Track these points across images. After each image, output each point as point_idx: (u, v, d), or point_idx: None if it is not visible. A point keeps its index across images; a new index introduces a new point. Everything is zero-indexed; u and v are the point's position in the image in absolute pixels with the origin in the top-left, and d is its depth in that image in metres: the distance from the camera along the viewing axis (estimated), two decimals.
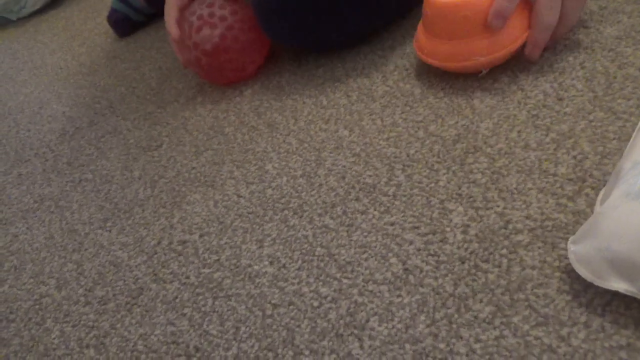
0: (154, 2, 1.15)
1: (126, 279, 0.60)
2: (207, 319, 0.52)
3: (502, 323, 0.41)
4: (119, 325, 0.55)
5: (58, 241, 0.69)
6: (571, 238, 0.41)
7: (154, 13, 1.19)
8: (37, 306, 0.62)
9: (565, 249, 0.43)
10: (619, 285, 0.37)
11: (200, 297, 0.54)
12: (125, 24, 1.16)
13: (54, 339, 0.57)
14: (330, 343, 0.45)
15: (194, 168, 0.71)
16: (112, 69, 1.08)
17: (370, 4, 0.73)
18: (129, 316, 0.55)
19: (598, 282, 0.38)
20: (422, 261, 0.48)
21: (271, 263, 0.54)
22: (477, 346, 0.40)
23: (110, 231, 0.67)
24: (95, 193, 0.75)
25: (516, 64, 0.63)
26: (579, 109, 0.55)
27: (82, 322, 0.57)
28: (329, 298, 0.48)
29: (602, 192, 0.43)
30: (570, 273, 0.41)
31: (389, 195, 0.55)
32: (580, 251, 0.39)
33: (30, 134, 0.97)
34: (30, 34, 1.48)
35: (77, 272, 0.64)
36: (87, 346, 0.54)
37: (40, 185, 0.82)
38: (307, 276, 0.51)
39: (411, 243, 0.50)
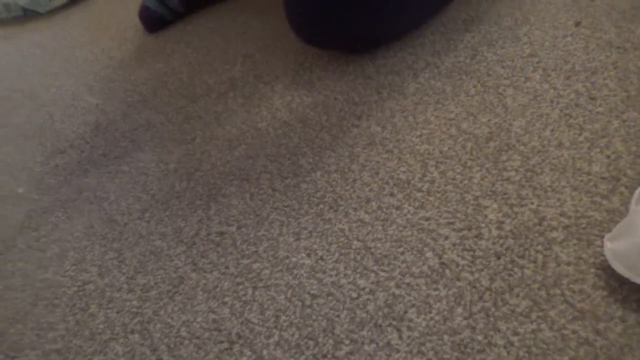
0: (190, 3, 1.18)
1: (166, 268, 0.62)
2: (247, 307, 0.54)
3: (538, 317, 0.42)
4: (162, 312, 0.57)
5: (98, 230, 0.72)
6: (607, 235, 0.42)
7: (184, 12, 1.21)
8: (80, 292, 0.64)
9: (600, 246, 0.44)
10: None
11: (240, 287, 0.56)
12: (157, 22, 1.19)
13: (98, 324, 0.60)
14: (370, 333, 0.47)
15: (228, 162, 0.73)
16: (142, 62, 1.10)
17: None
18: (171, 303, 0.58)
19: (635, 279, 0.39)
20: (458, 256, 0.49)
21: (308, 255, 0.56)
22: (514, 339, 0.42)
23: (148, 221, 0.70)
24: (132, 184, 0.77)
25: (547, 63, 0.64)
26: (612, 109, 0.56)
27: (126, 308, 0.60)
28: (366, 290, 0.50)
29: (637, 191, 0.44)
30: (605, 270, 0.43)
31: (423, 191, 0.57)
32: (617, 248, 0.40)
33: (64, 126, 1.00)
34: (59, 27, 1.51)
35: (118, 260, 0.66)
36: (132, 331, 0.57)
37: (78, 176, 0.85)
38: (345, 268, 0.53)
39: (446, 238, 0.51)
